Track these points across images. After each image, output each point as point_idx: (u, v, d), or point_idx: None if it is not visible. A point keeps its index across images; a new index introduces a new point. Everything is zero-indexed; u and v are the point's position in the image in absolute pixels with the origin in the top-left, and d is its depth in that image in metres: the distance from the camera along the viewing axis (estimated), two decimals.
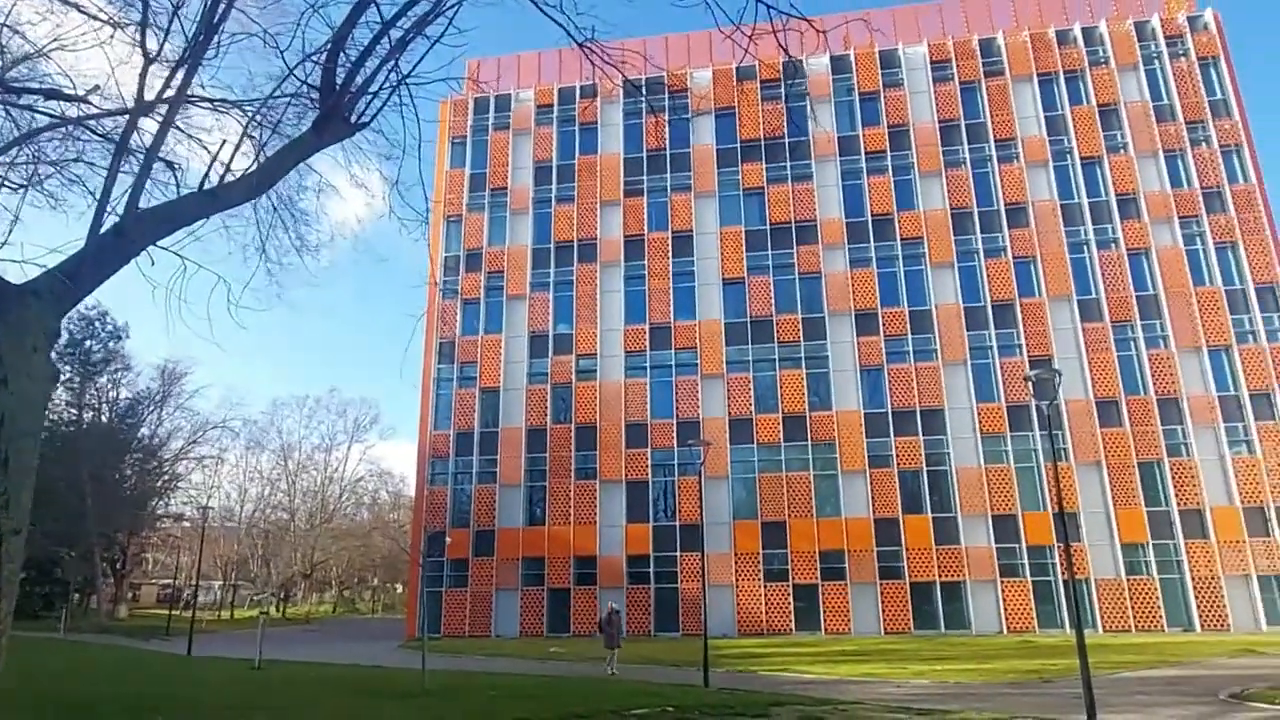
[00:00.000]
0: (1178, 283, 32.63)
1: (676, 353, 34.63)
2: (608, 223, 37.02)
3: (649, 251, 36.19)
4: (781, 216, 35.62)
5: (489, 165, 38.70)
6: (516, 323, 36.27)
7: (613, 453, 33.73)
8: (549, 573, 32.97)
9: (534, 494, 34.29)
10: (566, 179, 38.01)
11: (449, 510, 34.30)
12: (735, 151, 36.93)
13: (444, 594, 33.30)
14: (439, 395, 35.89)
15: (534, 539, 33.41)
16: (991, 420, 32.02)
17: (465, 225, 38.01)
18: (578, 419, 34.45)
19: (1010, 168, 35.00)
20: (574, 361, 35.25)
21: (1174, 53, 35.44)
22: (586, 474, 33.85)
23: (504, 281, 36.89)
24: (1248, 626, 28.75)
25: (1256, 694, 14.59)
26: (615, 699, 14.20)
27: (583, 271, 36.41)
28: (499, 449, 34.59)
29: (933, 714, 12.84)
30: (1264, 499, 29.92)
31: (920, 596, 30.83)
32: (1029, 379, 15.06)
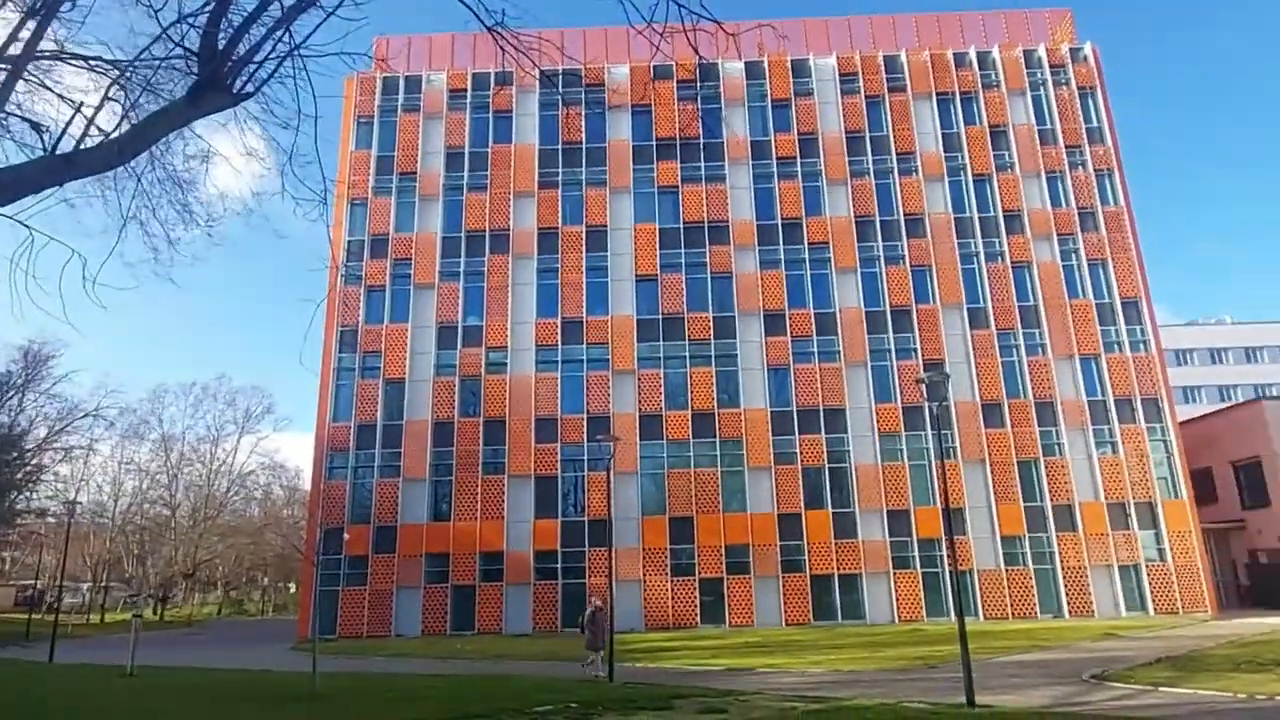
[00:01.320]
0: (1055, 295, 35.15)
1: (588, 348, 34.48)
2: (521, 214, 36.42)
3: (563, 245, 35.87)
4: (695, 216, 36.11)
5: (397, 148, 37.23)
6: (424, 312, 35.14)
7: (522, 447, 33.22)
8: (454, 569, 32.13)
9: (439, 489, 33.33)
10: (479, 167, 37.12)
11: (348, 505, 32.84)
12: (651, 149, 37.12)
13: (341, 593, 31.88)
14: (340, 385, 34.27)
15: (438, 535, 32.48)
16: (889, 420, 33.54)
17: (371, 209, 36.44)
18: (487, 413, 33.74)
19: (910, 180, 36.77)
20: (484, 354, 34.49)
21: (1057, 81, 38.19)
22: (495, 469, 33.20)
23: (411, 269, 35.62)
24: (1109, 613, 31.31)
25: (1115, 675, 15.92)
26: (517, 696, 13.98)
27: (494, 262, 35.68)
28: (403, 442, 33.41)
29: (826, 701, 13.31)
30: (1125, 495, 32.66)
31: (820, 589, 31.94)
32: (921, 381, 15.84)
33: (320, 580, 31.19)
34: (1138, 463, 33.04)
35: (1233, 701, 12.77)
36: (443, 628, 31.43)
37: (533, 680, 17.19)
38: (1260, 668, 15.77)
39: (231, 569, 67.72)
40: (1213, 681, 14.44)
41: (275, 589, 74.85)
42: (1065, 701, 13.34)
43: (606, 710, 12.45)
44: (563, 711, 12.32)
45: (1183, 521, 32.35)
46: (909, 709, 12.42)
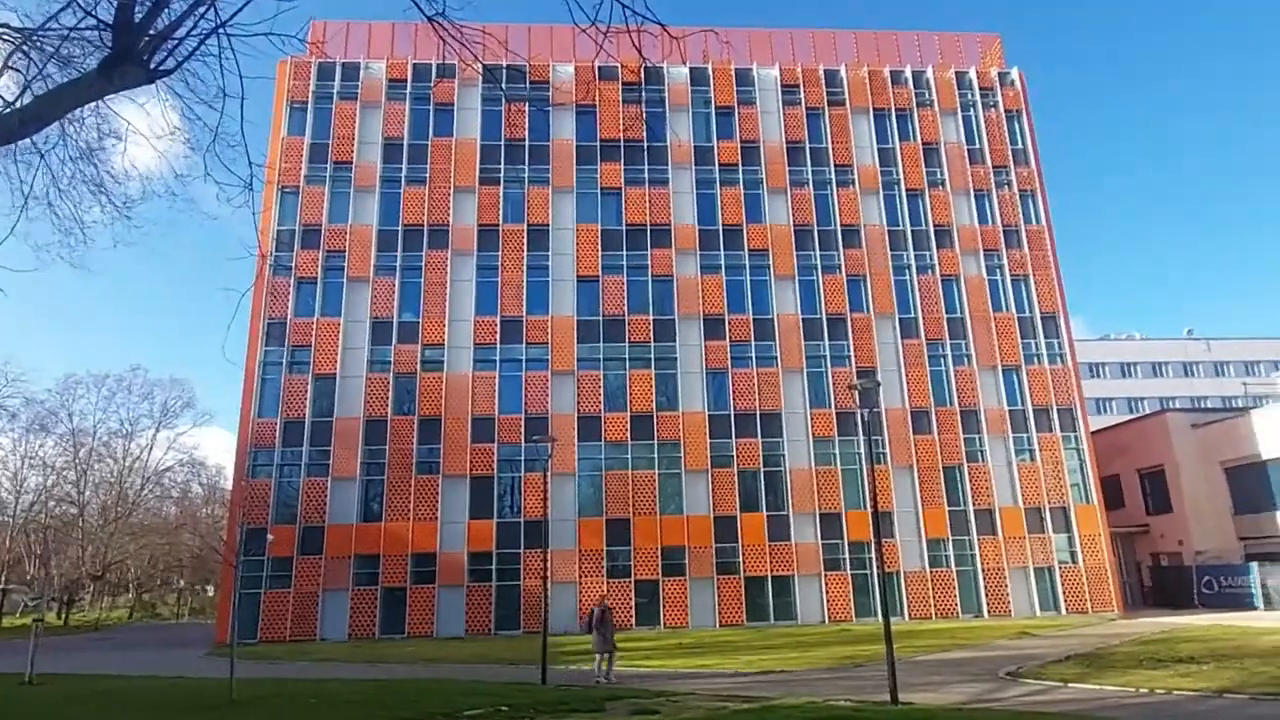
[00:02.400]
0: (980, 308, 36.60)
1: (527, 347, 34.12)
2: (461, 210, 35.75)
3: (503, 243, 35.38)
4: (638, 218, 36.20)
5: (332, 136, 35.98)
6: (357, 307, 34.10)
7: (457, 447, 32.63)
8: (384, 571, 31.27)
9: (370, 488, 32.41)
10: (418, 160, 36.24)
11: (272, 505, 31.57)
12: (595, 149, 37.01)
13: (263, 595, 30.66)
14: (266, 380, 32.91)
15: (368, 535, 31.58)
16: (822, 425, 34.30)
17: (303, 198, 35.11)
18: (421, 411, 33.01)
19: (847, 192, 37.73)
20: (419, 351, 33.72)
21: (986, 103, 39.82)
22: (429, 468, 32.49)
23: (345, 262, 34.50)
24: (1025, 612, 32.75)
25: (1028, 672, 16.67)
26: (446, 700, 13.68)
27: (432, 258, 34.92)
28: (333, 440, 32.34)
29: (757, 700, 13.49)
30: (1041, 501, 34.23)
31: (753, 590, 32.39)
32: (854, 388, 16.28)
33: (241, 582, 29.86)
34: (1053, 470, 34.68)
35: (1133, 696, 13.51)
36: (371, 631, 30.59)
37: (464, 684, 16.86)
38: (1159, 664, 16.73)
39: (145, 570, 64.35)
40: (1116, 678, 15.25)
41: (192, 592, 71.56)
42: (982, 698, 13.87)
43: (539, 713, 12.31)
44: (493, 715, 12.12)
45: (1093, 526, 34.10)
46: (835, 707, 12.69)
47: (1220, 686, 13.64)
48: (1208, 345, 71.75)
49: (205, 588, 68.27)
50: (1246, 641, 20.27)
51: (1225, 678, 14.53)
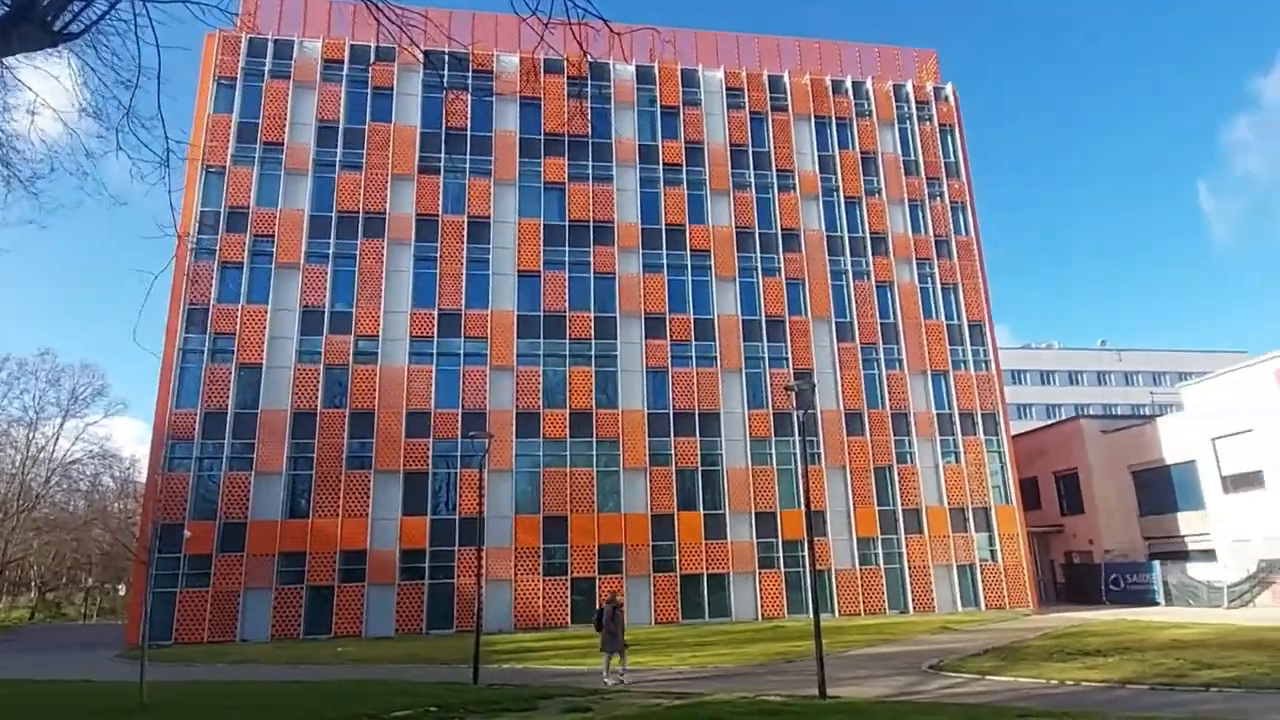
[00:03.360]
0: (912, 314, 37.74)
1: (466, 341, 33.46)
2: (399, 198, 34.76)
3: (443, 234, 34.55)
4: (581, 214, 35.97)
5: (262, 116, 34.42)
6: (287, 294, 32.77)
7: (391, 442, 31.78)
8: (310, 569, 30.18)
9: (297, 483, 31.25)
10: (354, 144, 35.04)
11: (190, 500, 30.08)
12: (538, 143, 36.56)
13: (178, 595, 29.21)
14: (185, 368, 31.29)
15: (294, 532, 30.43)
16: (760, 425, 34.78)
17: (229, 178, 33.49)
18: (353, 404, 31.98)
19: (788, 196, 38.35)
20: (352, 342, 32.66)
21: (921, 116, 41.06)
22: (360, 463, 31.52)
23: (274, 247, 33.07)
24: (948, 608, 33.94)
25: (949, 665, 17.29)
26: (374, 701, 13.31)
27: (367, 247, 33.84)
28: (258, 432, 31.02)
29: (689, 696, 13.58)
30: (965, 501, 35.53)
31: (689, 588, 32.62)
32: (791, 389, 16.53)
33: (155, 581, 28.44)
34: (976, 471, 36.05)
35: (1045, 687, 14.17)
36: (296, 632, 29.52)
37: (393, 684, 16.43)
38: (1068, 657, 17.58)
39: (49, 568, 60.60)
40: (1030, 670, 15.96)
41: (102, 591, 67.71)
42: (905, 691, 14.29)
43: (469, 713, 12.09)
44: (421, 716, 11.85)
45: (1012, 525, 35.60)
46: (766, 702, 12.86)
47: (1123, 677, 14.42)
48: (1119, 356, 75.94)
49: (116, 587, 64.69)
50: (1147, 635, 21.48)
51: (1128, 669, 15.36)
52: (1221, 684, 13.24)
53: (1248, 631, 21.04)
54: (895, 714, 11.25)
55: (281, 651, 25.08)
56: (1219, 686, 13.08)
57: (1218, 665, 15.20)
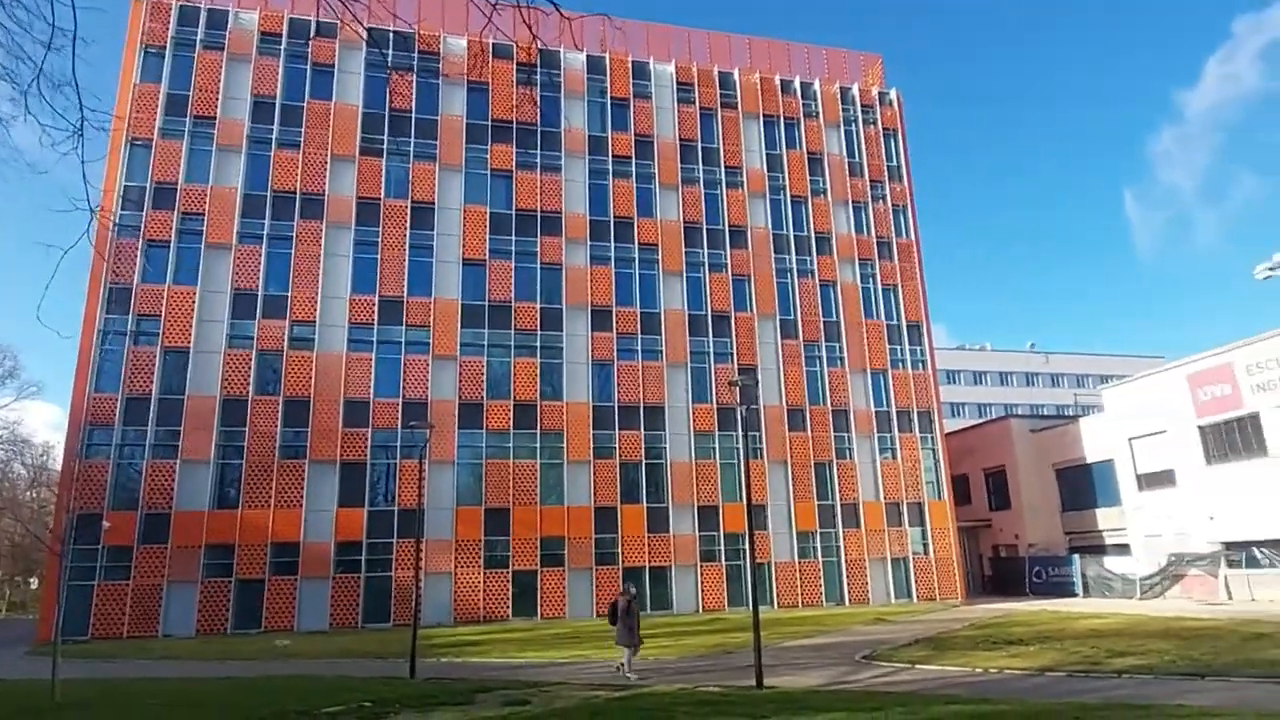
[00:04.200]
0: (853, 314, 38.54)
1: (408, 329, 32.68)
2: (339, 179, 33.58)
3: (385, 218, 33.58)
4: (528, 204, 35.51)
5: (194, 88, 32.82)
6: (217, 276, 31.38)
7: (327, 431, 30.83)
8: (239, 562, 29.09)
9: (227, 473, 30.05)
10: (292, 122, 33.69)
11: (110, 489, 28.60)
12: (486, 129, 35.88)
13: (96, 588, 27.76)
14: (106, 351, 29.66)
15: (222, 524, 29.26)
16: (703, 420, 35.03)
17: (156, 152, 31.82)
18: (287, 391, 30.89)
19: (735, 193, 38.65)
20: (287, 327, 31.50)
21: (866, 120, 41.89)
22: (294, 453, 30.48)
23: (204, 226, 31.59)
24: (881, 599, 34.88)
25: (881, 655, 17.75)
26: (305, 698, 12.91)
27: (305, 229, 32.64)
28: (184, 419, 29.64)
29: (629, 689, 13.58)
30: (900, 496, 36.54)
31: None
32: (734, 384, 16.64)
33: (70, 573, 27.11)
34: (911, 468, 37.11)
35: (970, 675, 14.66)
36: (223, 627, 28.45)
37: (326, 679, 15.97)
38: (993, 646, 18.26)
39: None
40: (957, 658, 16.51)
41: (12, 584, 64.15)
42: (839, 680, 14.59)
43: (404, 708, 11.84)
44: (355, 712, 11.52)
45: (944, 520, 36.78)
46: (704, 693, 12.96)
47: (1042, 665, 15.05)
48: (1046, 359, 79.25)
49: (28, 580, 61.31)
50: (1066, 625, 22.47)
51: (1047, 657, 16.04)
52: (1132, 671, 13.92)
53: (1157, 622, 22.19)
54: (828, 703, 11.45)
55: (207, 647, 24.14)
56: (1130, 673, 13.75)
57: (1129, 653, 15.99)
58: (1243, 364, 30.58)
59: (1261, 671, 13.14)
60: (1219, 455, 31.58)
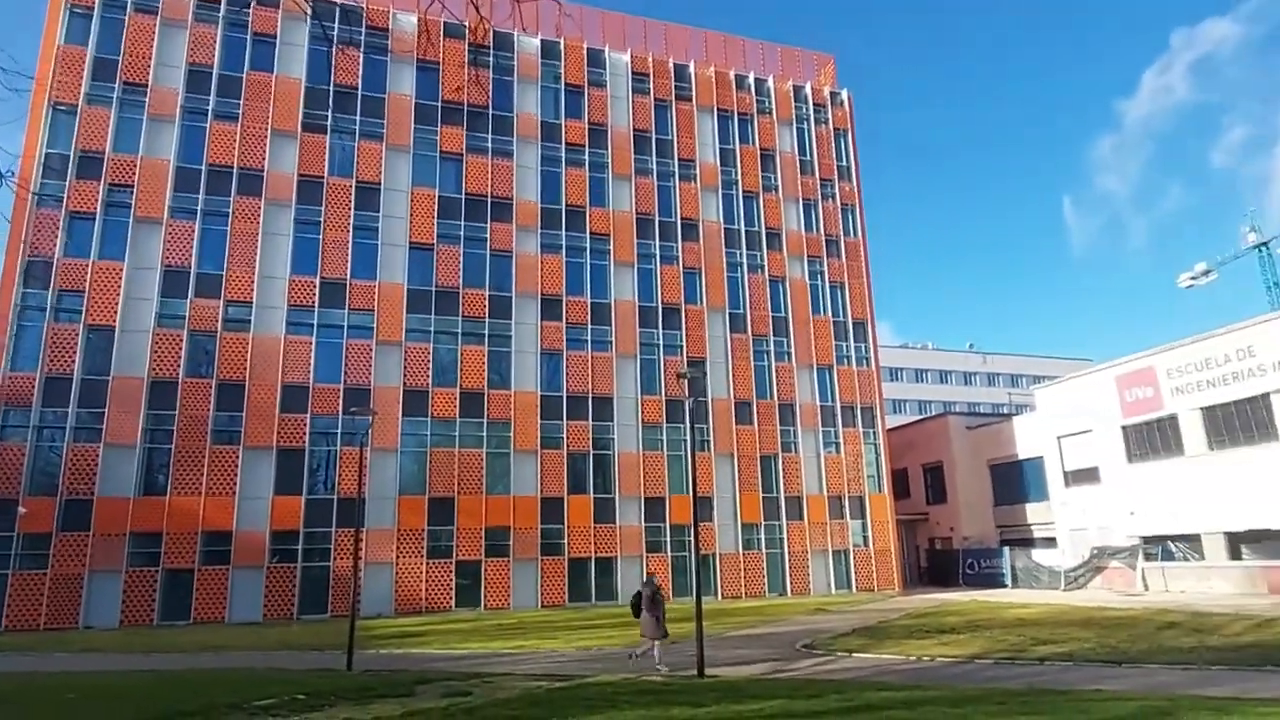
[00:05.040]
0: (801, 310, 39.09)
1: (350, 313, 31.75)
2: (280, 155, 32.29)
3: (328, 197, 32.48)
4: (478, 188, 34.87)
5: (124, 53, 31.04)
6: (147, 251, 29.86)
7: (263, 416, 29.78)
8: (168, 551, 27.87)
9: (154, 458, 28.75)
10: (230, 93, 32.23)
11: (26, 473, 27.00)
12: (435, 110, 34.99)
13: (10, 577, 26.25)
14: (23, 327, 27.94)
15: (149, 511, 27.99)
16: (652, 411, 35.09)
17: (82, 119, 30.05)
18: (221, 374, 29.70)
19: (688, 186, 38.72)
20: (222, 307, 30.25)
21: (818, 119, 42.42)
22: (228, 438, 29.37)
23: (133, 199, 30.01)
24: (822, 590, 35.60)
25: (820, 644, 18.10)
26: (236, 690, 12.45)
27: (243, 205, 31.33)
28: (109, 401, 28.20)
29: (573, 679, 13.52)
30: (842, 490, 37.32)
31: (577, 571, 32.58)
32: (682, 376, 16.66)
33: None
34: (854, 462, 37.92)
35: (905, 663, 15.08)
36: (149, 618, 27.28)
37: (258, 672, 15.46)
38: (927, 635, 18.82)
39: None
40: (892, 647, 16.95)
41: None
42: (779, 669, 14.80)
43: (340, 700, 11.51)
44: (288, 705, 11.16)
45: (883, 513, 37.72)
46: (646, 682, 12.99)
47: (972, 653, 15.57)
48: (984, 359, 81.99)
49: None
50: (996, 615, 23.30)
51: (977, 645, 16.60)
52: (1054, 658, 14.54)
53: (1079, 611, 23.20)
54: (768, 690, 11.60)
55: (132, 639, 23.12)
56: (1052, 660, 14.36)
57: (1052, 641, 16.68)
58: (1164, 368, 32.11)
59: (1172, 658, 13.86)
60: (1140, 454, 33.13)
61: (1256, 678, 11.87)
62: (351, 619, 16.74)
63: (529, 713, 10.15)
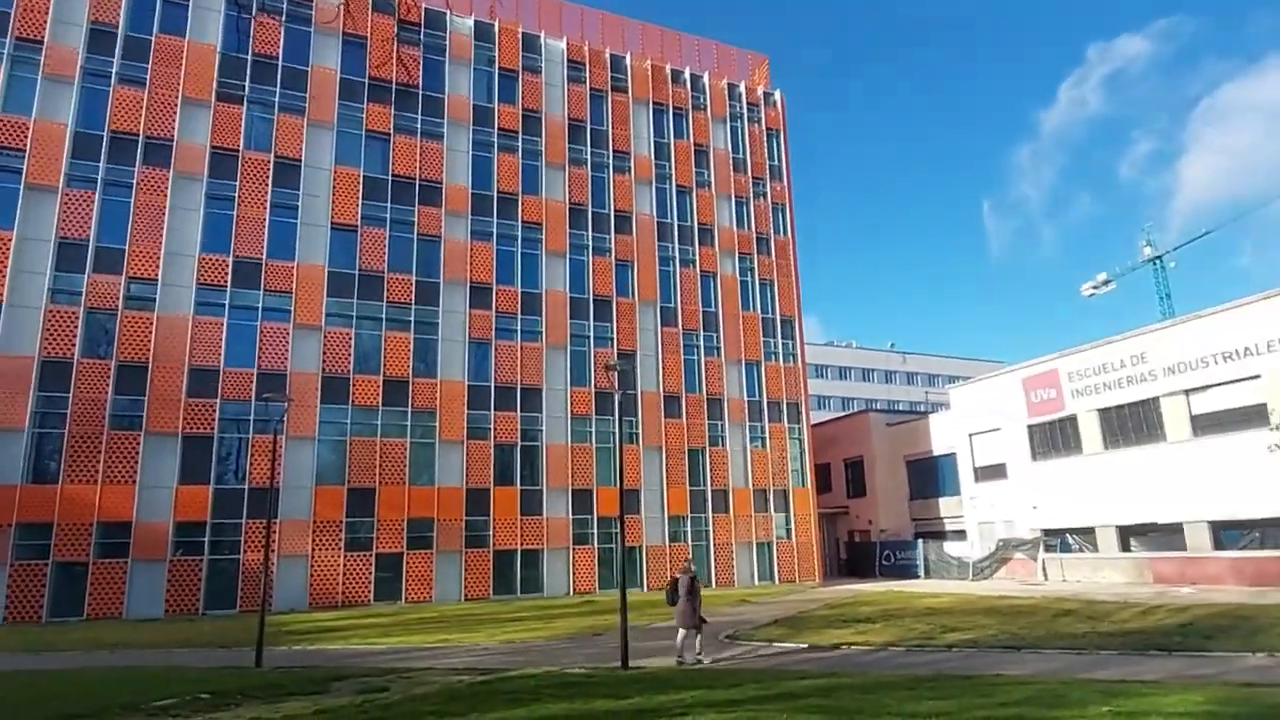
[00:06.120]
0: (731, 305, 39.60)
1: (266, 295, 30.28)
2: (191, 125, 30.39)
3: (243, 172, 30.80)
4: (406, 170, 33.80)
5: (16, 5, 28.56)
6: (39, 221, 27.61)
7: (168, 401, 28.08)
8: (58, 542, 25.95)
9: (44, 443, 26.69)
10: (137, 56, 30.10)
11: None
12: (362, 87, 33.65)
13: None
14: None
15: (39, 500, 25.98)
16: (581, 403, 34.90)
17: None
18: (121, 355, 27.84)
19: (622, 179, 38.61)
20: (124, 284, 28.32)
21: (751, 118, 42.99)
22: (129, 423, 27.56)
23: (24, 164, 27.66)
24: (746, 582, 36.25)
25: (743, 634, 18.42)
26: (134, 690, 11.76)
27: (148, 176, 29.36)
28: None
29: (495, 673, 13.29)
30: (767, 483, 38.05)
31: (502, 564, 32.14)
32: (611, 368, 16.57)
33: None
34: (779, 456, 38.72)
35: (822, 651, 15.52)
36: (38, 614, 25.41)
37: (158, 670, 14.61)
38: (844, 624, 19.41)
39: None
40: (811, 636, 17.39)
41: None
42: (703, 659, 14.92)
43: (248, 699, 11.00)
44: (190, 704, 10.57)
45: (806, 506, 38.68)
46: (569, 675, 12.88)
47: (885, 641, 16.15)
48: (904, 358, 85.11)
49: None
50: (909, 604, 24.21)
51: (890, 634, 17.21)
52: (961, 645, 15.24)
53: (985, 600, 24.33)
54: (690, 681, 11.69)
55: (18, 637, 21.49)
56: (959, 647, 15.05)
57: (960, 629, 17.45)
58: (1066, 371, 33.98)
59: (1067, 644, 14.73)
60: (1043, 452, 35.00)
61: (1141, 661, 12.71)
62: (261, 613, 16.00)
63: (448, 708, 9.91)
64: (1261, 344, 26.82)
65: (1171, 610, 19.40)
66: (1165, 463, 29.52)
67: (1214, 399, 28.43)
